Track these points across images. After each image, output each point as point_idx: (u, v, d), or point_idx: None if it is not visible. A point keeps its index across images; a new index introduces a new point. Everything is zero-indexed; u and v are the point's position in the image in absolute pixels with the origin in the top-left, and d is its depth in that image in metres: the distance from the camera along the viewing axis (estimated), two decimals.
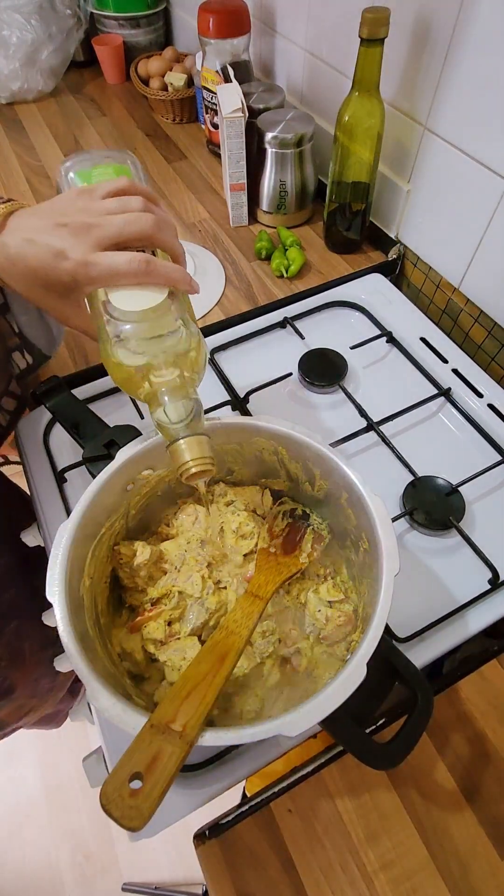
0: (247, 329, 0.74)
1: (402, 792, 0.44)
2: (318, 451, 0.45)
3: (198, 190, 0.96)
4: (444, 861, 0.42)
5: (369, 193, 0.76)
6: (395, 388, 0.69)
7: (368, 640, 0.36)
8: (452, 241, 0.71)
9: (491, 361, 0.72)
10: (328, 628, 0.45)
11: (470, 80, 0.59)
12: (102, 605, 0.45)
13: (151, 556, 0.47)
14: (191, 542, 0.50)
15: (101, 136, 1.08)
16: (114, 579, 0.48)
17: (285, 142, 0.79)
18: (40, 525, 0.59)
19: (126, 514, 0.48)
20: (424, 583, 0.54)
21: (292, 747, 0.46)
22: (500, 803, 0.44)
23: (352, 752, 0.35)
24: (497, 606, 0.52)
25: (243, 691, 0.44)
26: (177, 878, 1.13)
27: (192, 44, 1.16)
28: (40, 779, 1.25)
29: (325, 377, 0.68)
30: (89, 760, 0.49)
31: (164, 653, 0.44)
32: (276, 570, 0.47)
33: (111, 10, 1.18)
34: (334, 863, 0.42)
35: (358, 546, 0.45)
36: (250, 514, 0.51)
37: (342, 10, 0.73)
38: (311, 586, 0.48)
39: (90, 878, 1.14)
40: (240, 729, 0.34)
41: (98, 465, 0.46)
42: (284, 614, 0.48)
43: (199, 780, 0.45)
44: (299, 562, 0.49)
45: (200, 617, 0.46)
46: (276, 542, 0.50)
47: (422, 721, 0.37)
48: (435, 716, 0.47)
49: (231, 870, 0.42)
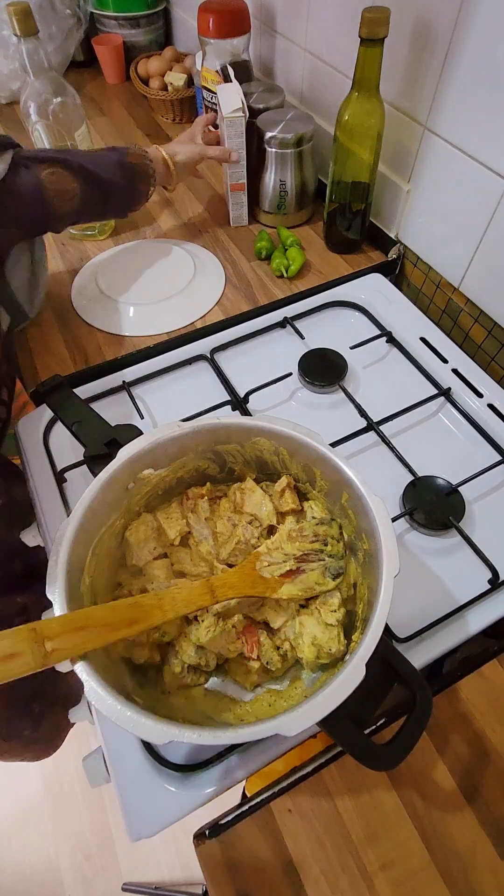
0: (247, 329, 0.74)
1: (402, 792, 0.44)
2: (318, 451, 0.45)
3: (198, 190, 0.96)
4: (444, 861, 0.42)
5: (369, 193, 0.76)
6: (395, 387, 0.69)
7: (368, 640, 0.36)
8: (452, 241, 0.71)
9: (491, 361, 0.72)
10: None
11: (470, 80, 0.59)
12: (103, 603, 0.45)
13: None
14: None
15: (101, 136, 1.08)
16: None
17: (285, 142, 0.79)
18: (40, 525, 0.59)
19: (127, 512, 0.48)
20: (424, 583, 0.54)
21: (292, 747, 0.46)
22: (500, 803, 0.44)
23: (350, 752, 0.35)
24: (497, 606, 0.52)
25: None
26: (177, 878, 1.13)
27: (192, 44, 1.16)
28: (40, 779, 1.25)
29: (325, 377, 0.68)
30: (89, 760, 0.49)
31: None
32: (251, 584, 0.44)
33: (111, 10, 1.18)
34: (334, 863, 0.42)
35: (358, 546, 0.45)
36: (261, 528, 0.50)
37: (342, 10, 0.73)
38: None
39: (90, 878, 1.14)
40: (239, 728, 0.34)
41: (99, 464, 0.46)
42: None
43: (199, 780, 0.45)
44: (276, 592, 0.45)
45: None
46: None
47: (421, 722, 0.36)
48: (435, 716, 0.47)
49: (231, 870, 0.42)
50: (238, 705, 0.45)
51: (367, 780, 0.45)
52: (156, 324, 0.75)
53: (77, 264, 0.83)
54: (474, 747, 0.46)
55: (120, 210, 0.75)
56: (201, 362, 0.72)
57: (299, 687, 0.46)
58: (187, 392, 0.69)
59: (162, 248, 0.84)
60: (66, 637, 0.34)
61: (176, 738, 0.33)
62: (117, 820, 1.19)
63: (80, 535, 0.41)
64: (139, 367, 0.70)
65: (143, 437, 0.46)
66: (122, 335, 0.74)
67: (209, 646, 0.44)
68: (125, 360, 0.71)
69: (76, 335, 0.74)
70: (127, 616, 0.37)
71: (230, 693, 0.46)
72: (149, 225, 0.90)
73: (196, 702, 0.45)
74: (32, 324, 0.76)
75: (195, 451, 0.49)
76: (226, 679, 0.47)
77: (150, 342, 0.73)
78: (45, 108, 0.71)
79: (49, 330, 0.75)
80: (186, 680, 0.45)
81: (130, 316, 0.76)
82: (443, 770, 0.45)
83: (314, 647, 0.44)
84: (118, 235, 0.88)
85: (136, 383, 0.69)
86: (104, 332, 0.75)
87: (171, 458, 0.48)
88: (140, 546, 0.48)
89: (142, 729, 0.33)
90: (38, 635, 0.33)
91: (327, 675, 0.45)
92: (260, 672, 0.45)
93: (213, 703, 0.45)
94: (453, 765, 0.45)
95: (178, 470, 0.50)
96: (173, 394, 0.69)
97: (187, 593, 0.41)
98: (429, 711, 0.37)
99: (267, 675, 0.46)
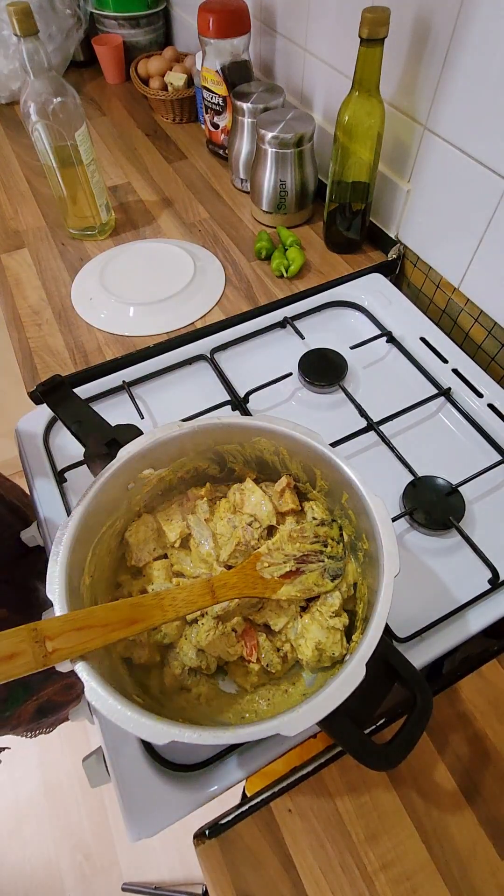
0: (247, 329, 0.74)
1: (402, 792, 0.44)
2: (318, 451, 0.45)
3: (198, 190, 0.96)
4: (444, 861, 0.42)
5: (369, 193, 0.76)
6: (395, 387, 0.69)
7: (368, 640, 0.36)
8: (452, 241, 0.71)
9: (491, 361, 0.72)
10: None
11: (470, 80, 0.59)
12: (103, 603, 0.45)
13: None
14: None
15: (101, 136, 1.09)
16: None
17: (285, 142, 0.79)
18: (40, 525, 0.59)
19: (127, 512, 0.48)
20: (424, 583, 0.54)
21: (292, 747, 0.46)
22: (500, 803, 0.44)
23: (350, 752, 0.35)
24: (497, 606, 0.52)
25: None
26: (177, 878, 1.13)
27: (192, 43, 1.16)
28: (40, 778, 1.25)
29: (325, 377, 0.68)
30: (89, 760, 0.49)
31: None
32: (251, 584, 0.44)
33: (111, 10, 1.17)
34: (334, 863, 0.42)
35: (358, 546, 0.45)
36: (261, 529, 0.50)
37: (342, 10, 0.73)
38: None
39: (90, 878, 1.14)
40: (238, 728, 0.34)
41: (99, 464, 0.46)
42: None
43: (199, 780, 0.45)
44: (276, 592, 0.45)
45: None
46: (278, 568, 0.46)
47: (421, 722, 0.36)
48: (435, 716, 0.47)
49: (231, 869, 0.42)
50: (238, 705, 0.45)
51: (367, 780, 0.45)
52: (156, 324, 0.75)
53: (77, 264, 0.83)
54: (474, 747, 0.46)
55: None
56: (201, 362, 0.72)
57: (299, 687, 0.46)
58: (187, 392, 0.69)
59: (162, 248, 0.84)
60: (66, 637, 0.34)
61: (176, 738, 0.33)
62: (117, 820, 1.19)
63: (80, 535, 0.41)
64: (139, 367, 0.70)
65: (143, 437, 0.46)
66: (122, 335, 0.74)
67: (209, 649, 0.44)
68: (125, 360, 0.71)
69: (76, 335, 0.74)
70: (127, 616, 0.37)
71: (230, 693, 0.46)
72: (149, 225, 0.90)
73: (196, 702, 0.45)
74: (32, 323, 0.76)
75: (195, 451, 0.49)
76: (226, 680, 0.47)
77: (150, 342, 0.73)
78: (45, 108, 0.71)
79: (49, 330, 0.75)
80: (186, 682, 0.45)
81: (130, 316, 0.76)
82: (443, 770, 0.45)
83: (317, 651, 0.44)
84: (118, 235, 0.88)
85: (136, 383, 0.69)
86: (104, 332, 0.75)
87: (171, 458, 0.48)
88: (140, 547, 0.48)
89: (142, 729, 0.33)
90: (38, 635, 0.33)
91: (327, 675, 0.45)
92: (260, 673, 0.45)
93: (213, 704, 0.45)
94: (453, 765, 0.45)
95: (178, 470, 0.50)
96: (173, 394, 0.69)
97: (188, 593, 0.41)
98: (429, 711, 0.37)
99: (267, 676, 0.46)
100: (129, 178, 0.99)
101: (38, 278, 0.82)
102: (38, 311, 0.77)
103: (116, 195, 0.96)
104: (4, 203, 0.94)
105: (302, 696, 0.45)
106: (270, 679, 0.46)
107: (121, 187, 0.97)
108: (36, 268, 0.83)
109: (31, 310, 0.77)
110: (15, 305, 0.78)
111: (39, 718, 0.81)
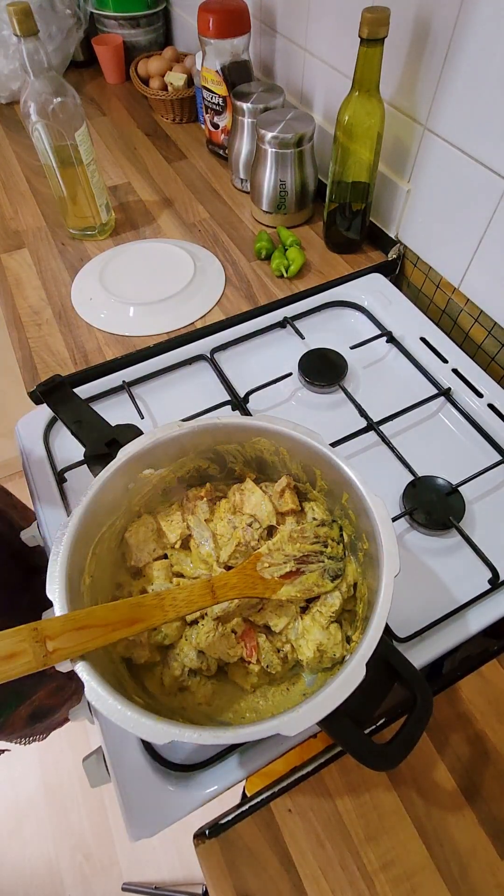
0: (247, 329, 0.74)
1: (402, 792, 0.44)
2: (318, 451, 0.45)
3: (198, 190, 0.96)
4: (444, 861, 0.42)
5: (369, 193, 0.76)
6: (395, 387, 0.69)
7: (368, 640, 0.36)
8: (452, 241, 0.71)
9: (491, 361, 0.72)
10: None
11: (470, 80, 0.59)
12: (103, 603, 0.45)
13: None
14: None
15: (101, 136, 1.09)
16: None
17: (285, 142, 0.79)
18: (40, 525, 0.59)
19: (127, 512, 0.48)
20: (424, 583, 0.54)
21: (292, 747, 0.46)
22: (500, 803, 0.44)
23: (350, 752, 0.35)
24: (497, 606, 0.52)
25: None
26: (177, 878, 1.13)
27: (192, 43, 1.16)
28: (40, 778, 1.25)
29: (325, 377, 0.68)
30: (89, 760, 0.49)
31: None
32: (251, 584, 0.44)
33: (111, 10, 1.18)
34: (334, 863, 0.42)
35: (358, 546, 0.45)
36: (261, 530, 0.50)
37: (342, 10, 0.73)
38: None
39: (90, 878, 1.14)
40: (238, 728, 0.34)
41: (99, 464, 0.46)
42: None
43: (199, 780, 0.45)
44: (276, 593, 0.44)
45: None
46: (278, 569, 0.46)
47: (421, 721, 0.36)
48: (435, 716, 0.47)
49: (231, 869, 0.42)
50: (238, 705, 0.45)
51: (367, 780, 0.45)
52: (156, 324, 0.75)
53: (77, 264, 0.83)
54: (474, 747, 0.46)
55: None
56: (201, 362, 0.72)
57: (299, 687, 0.46)
58: (187, 392, 0.69)
59: (162, 248, 0.84)
60: (67, 636, 0.34)
61: (176, 738, 0.33)
62: (117, 820, 1.19)
63: (80, 534, 0.41)
64: (139, 367, 0.70)
65: (143, 437, 0.46)
66: (122, 335, 0.75)
67: (208, 651, 0.44)
68: (125, 360, 0.71)
69: (76, 335, 0.74)
70: (128, 616, 0.37)
71: (230, 693, 0.46)
72: (149, 225, 0.90)
73: (196, 702, 0.45)
74: (32, 324, 0.76)
75: (195, 451, 0.49)
76: (226, 680, 0.47)
77: (150, 342, 0.73)
78: (45, 108, 0.71)
79: (49, 330, 0.75)
80: (186, 683, 0.45)
81: (130, 316, 0.76)
82: (443, 770, 0.45)
83: (318, 652, 0.44)
84: (118, 235, 0.88)
85: (136, 383, 0.69)
86: (104, 332, 0.75)
87: (171, 458, 0.48)
88: (139, 547, 0.48)
89: (142, 729, 0.33)
90: (39, 634, 0.33)
91: (327, 674, 0.45)
92: (260, 674, 0.45)
93: (213, 704, 0.45)
94: (453, 765, 0.45)
95: (178, 470, 0.50)
96: (173, 394, 0.69)
97: (188, 593, 0.41)
98: (429, 711, 0.37)
99: (267, 676, 0.46)
100: (129, 178, 0.99)
101: (38, 278, 0.82)
102: (38, 311, 0.77)
103: (116, 195, 0.96)
104: (4, 203, 0.94)
105: (302, 696, 0.45)
106: (270, 680, 0.46)
107: (121, 187, 0.97)
108: (36, 268, 0.83)
109: (31, 310, 0.78)
110: (15, 305, 0.78)
111: (33, 724, 0.81)
